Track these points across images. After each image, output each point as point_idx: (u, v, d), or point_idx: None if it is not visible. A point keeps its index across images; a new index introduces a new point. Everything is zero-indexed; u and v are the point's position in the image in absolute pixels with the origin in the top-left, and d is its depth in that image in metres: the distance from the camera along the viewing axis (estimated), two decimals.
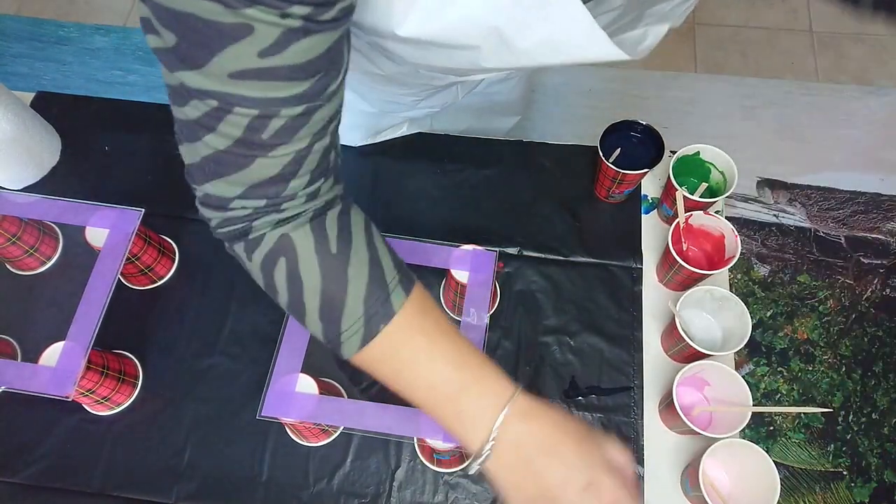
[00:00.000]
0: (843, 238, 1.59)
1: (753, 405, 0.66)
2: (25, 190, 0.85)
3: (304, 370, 0.63)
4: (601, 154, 0.77)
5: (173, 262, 0.81)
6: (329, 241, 0.46)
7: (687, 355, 0.72)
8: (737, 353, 0.71)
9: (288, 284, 0.46)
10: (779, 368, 1.45)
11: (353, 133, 0.87)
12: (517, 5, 0.42)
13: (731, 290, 0.72)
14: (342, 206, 0.48)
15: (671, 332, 0.73)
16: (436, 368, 0.47)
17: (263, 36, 0.35)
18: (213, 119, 0.39)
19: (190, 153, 0.43)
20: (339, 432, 0.73)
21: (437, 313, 0.49)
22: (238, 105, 0.38)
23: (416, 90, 0.73)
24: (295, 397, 0.62)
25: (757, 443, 0.64)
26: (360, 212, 0.50)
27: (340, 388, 0.74)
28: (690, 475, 0.67)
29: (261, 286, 0.49)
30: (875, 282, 1.54)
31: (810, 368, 1.45)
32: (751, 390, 0.66)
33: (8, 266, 0.80)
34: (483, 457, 0.46)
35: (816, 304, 1.52)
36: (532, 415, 0.46)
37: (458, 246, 0.70)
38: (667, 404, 0.70)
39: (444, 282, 0.76)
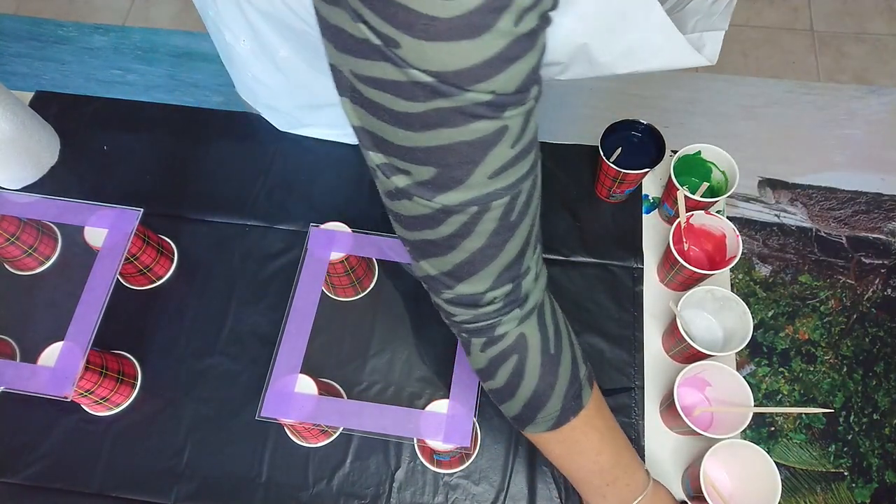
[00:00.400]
0: (844, 238, 1.59)
1: (754, 406, 0.65)
2: (24, 190, 0.84)
3: (304, 371, 0.63)
4: (602, 153, 0.77)
5: (172, 262, 0.81)
6: (549, 341, 0.49)
7: (688, 356, 0.71)
8: (738, 353, 0.71)
9: (509, 377, 0.49)
10: (780, 369, 1.45)
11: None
12: (602, 19, 0.44)
13: (732, 291, 0.72)
14: (547, 295, 0.50)
15: (672, 333, 0.73)
16: (599, 461, 0.55)
17: (514, 129, 0.36)
18: (471, 224, 0.39)
19: (438, 265, 0.43)
20: (338, 433, 0.72)
21: (606, 408, 0.56)
22: (494, 199, 0.38)
23: None
24: (294, 398, 0.62)
25: (758, 443, 0.64)
26: (549, 295, 0.51)
27: (340, 388, 0.74)
28: (691, 476, 0.67)
29: (473, 367, 0.51)
30: (876, 282, 1.54)
31: (811, 369, 1.45)
32: (752, 391, 0.66)
33: (7, 266, 0.80)
34: None
35: (818, 304, 1.51)
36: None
37: None
38: (668, 405, 0.69)
39: None
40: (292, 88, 0.78)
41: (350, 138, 0.86)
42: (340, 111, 0.40)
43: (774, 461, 0.62)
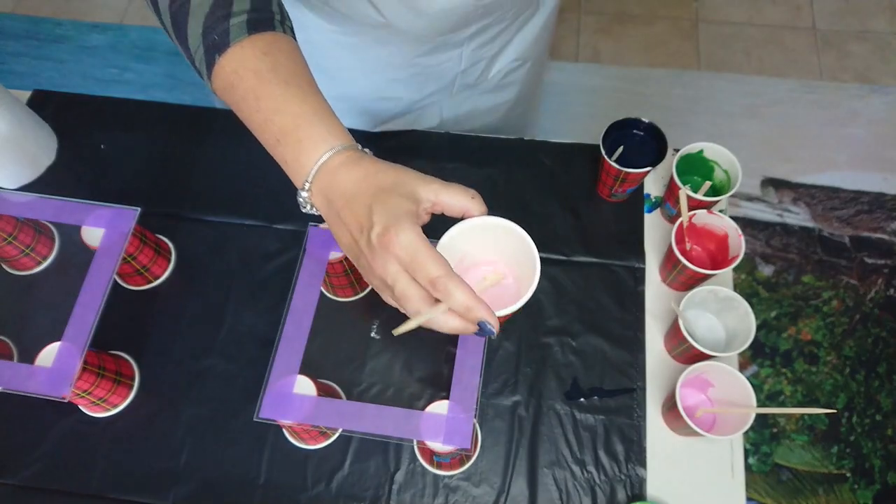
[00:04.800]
0: (847, 238, 1.58)
1: (757, 406, 0.65)
2: (21, 189, 0.84)
3: (303, 372, 0.63)
4: (603, 152, 0.76)
5: (169, 262, 0.81)
6: None
7: (690, 356, 0.71)
8: (740, 354, 0.71)
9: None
10: (782, 370, 1.44)
11: (361, 118, 0.87)
12: None
13: (734, 291, 0.72)
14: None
15: (674, 333, 0.72)
16: (259, 107, 0.46)
17: None
18: None
19: None
20: (337, 434, 0.72)
21: (291, 55, 0.48)
22: None
23: (412, 50, 0.72)
24: (293, 399, 0.61)
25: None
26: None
27: (339, 389, 0.73)
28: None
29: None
30: (879, 282, 1.53)
31: (814, 370, 1.44)
32: (754, 391, 0.65)
33: (4, 266, 0.80)
34: (304, 203, 0.47)
35: (820, 304, 1.51)
36: (349, 166, 0.46)
37: None
38: (670, 406, 0.69)
39: None
40: None
41: (356, 123, 0.87)
42: (338, 103, 0.39)
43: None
